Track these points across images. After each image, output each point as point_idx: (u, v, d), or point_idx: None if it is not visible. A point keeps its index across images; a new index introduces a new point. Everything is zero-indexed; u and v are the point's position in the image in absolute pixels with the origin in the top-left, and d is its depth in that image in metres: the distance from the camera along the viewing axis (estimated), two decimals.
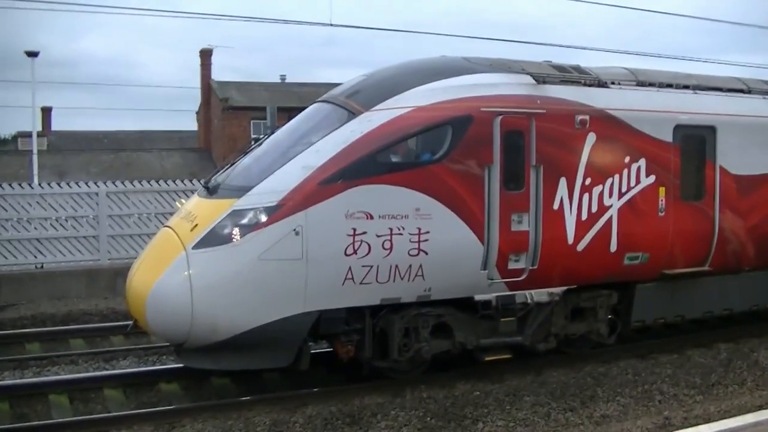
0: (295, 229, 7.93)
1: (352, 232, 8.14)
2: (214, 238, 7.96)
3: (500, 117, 8.90)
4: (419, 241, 8.46)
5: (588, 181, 9.52)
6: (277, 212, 7.94)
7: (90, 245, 16.05)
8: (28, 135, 34.68)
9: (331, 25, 17.25)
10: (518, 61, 9.84)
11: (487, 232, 8.85)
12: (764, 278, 11.42)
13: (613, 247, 9.75)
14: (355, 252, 8.17)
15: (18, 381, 9.57)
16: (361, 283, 8.28)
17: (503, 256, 8.98)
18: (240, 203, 8.09)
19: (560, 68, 10.03)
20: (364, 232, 8.19)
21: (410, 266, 8.48)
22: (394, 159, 8.58)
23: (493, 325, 9.33)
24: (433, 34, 47.09)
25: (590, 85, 9.90)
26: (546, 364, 10.00)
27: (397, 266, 8.40)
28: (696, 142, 10.55)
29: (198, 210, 8.52)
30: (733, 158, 10.74)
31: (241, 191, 8.25)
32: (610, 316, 10.34)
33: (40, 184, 17.41)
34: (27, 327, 12.54)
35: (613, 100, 9.86)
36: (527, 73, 9.53)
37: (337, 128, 8.55)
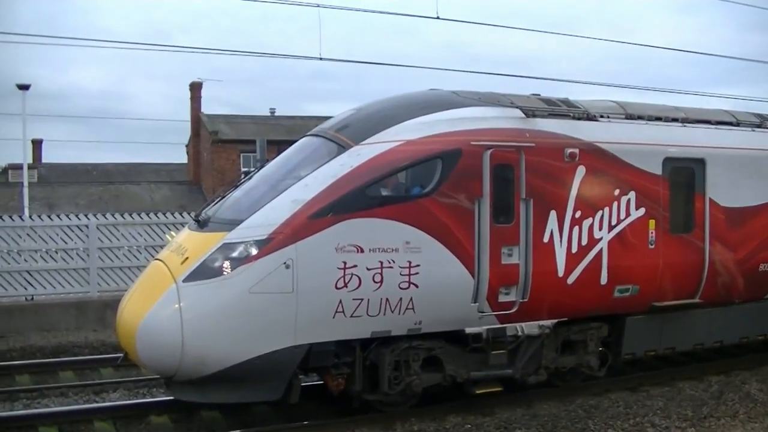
0: (285, 263, 7.95)
1: (342, 266, 8.17)
2: (204, 271, 7.97)
3: (490, 150, 8.99)
4: (409, 274, 8.49)
5: (578, 214, 9.60)
6: (267, 246, 7.97)
7: (80, 277, 16.04)
8: (19, 167, 34.71)
9: (321, 58, 17.33)
10: (507, 95, 9.97)
11: (478, 265, 8.89)
12: (754, 310, 11.50)
13: (603, 280, 9.81)
14: (345, 285, 8.19)
15: (8, 413, 9.48)
16: (351, 316, 8.28)
17: (493, 289, 9.02)
18: (230, 236, 8.12)
19: (549, 102, 10.18)
20: (355, 266, 8.22)
21: (401, 299, 8.50)
22: (384, 192, 8.65)
23: (483, 358, 9.33)
24: (422, 68, 47.40)
25: (579, 119, 10.03)
26: (537, 397, 9.98)
27: (387, 299, 8.42)
28: (685, 174, 10.69)
29: (188, 243, 8.54)
30: (723, 190, 10.86)
31: (231, 224, 8.28)
32: (600, 349, 10.38)
33: (30, 216, 17.42)
34: (16, 359, 12.48)
35: (602, 133, 9.99)
36: (516, 107, 9.66)
37: (326, 162, 8.61)
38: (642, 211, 10.13)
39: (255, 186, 9.16)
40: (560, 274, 9.47)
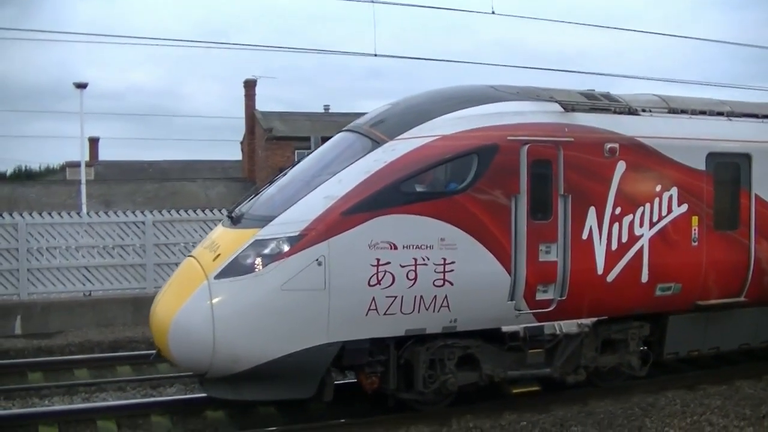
0: (317, 259, 7.99)
1: (375, 263, 8.20)
2: (236, 268, 8.04)
3: (527, 146, 8.98)
4: (444, 272, 8.52)
5: (618, 210, 9.53)
6: (299, 242, 8.00)
7: (136, 273, 16.51)
8: (77, 165, 35.47)
9: (375, 55, 17.46)
10: (546, 89, 9.94)
11: (514, 262, 8.89)
12: None
13: (644, 278, 9.72)
14: (378, 282, 8.22)
15: (67, 407, 9.80)
16: (385, 314, 8.31)
17: (531, 287, 9.02)
18: (262, 233, 8.17)
19: (589, 96, 10.11)
20: (388, 263, 8.25)
21: (435, 297, 8.52)
22: (419, 188, 8.65)
23: (520, 357, 9.33)
24: (475, 64, 46.79)
25: (620, 113, 9.94)
26: (592, 395, 9.94)
27: (421, 297, 8.45)
28: (730, 170, 10.50)
29: (221, 239, 8.65)
30: None
31: (264, 221, 8.32)
32: (643, 348, 10.28)
33: (88, 213, 17.96)
34: (75, 353, 12.87)
35: (643, 127, 9.89)
36: (555, 101, 9.62)
37: (360, 157, 8.64)
38: (684, 207, 10.00)
39: (289, 182, 9.27)
40: (599, 271, 9.41)
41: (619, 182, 9.54)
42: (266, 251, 8.05)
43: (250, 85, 43.86)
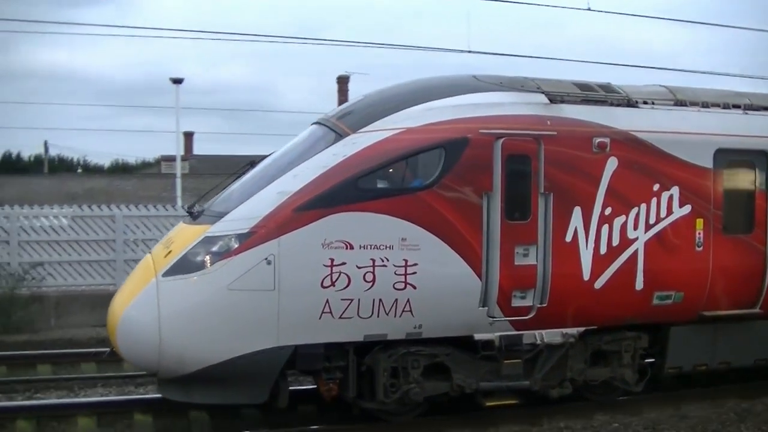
0: (266, 258, 7.49)
1: (329, 263, 7.63)
2: (184, 266, 7.61)
3: (502, 140, 8.19)
4: (406, 274, 7.84)
5: (608, 210, 8.63)
6: (248, 240, 7.52)
7: None
8: (172, 159, 35.69)
9: (469, 51, 16.77)
10: (536, 79, 9.07)
11: (486, 265, 8.12)
12: None
13: (639, 285, 8.79)
14: (333, 284, 7.64)
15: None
16: (341, 318, 7.73)
17: (505, 293, 8.23)
18: (213, 229, 7.72)
19: (584, 86, 9.19)
20: (343, 263, 7.65)
21: (396, 301, 7.86)
22: (379, 185, 7.99)
23: (496, 367, 8.56)
24: (569, 61, 44.81)
25: (617, 105, 9.03)
26: (685, 398, 9.58)
27: (381, 300, 7.81)
28: (744, 168, 9.46)
29: (177, 236, 8.24)
30: None
31: (218, 217, 7.89)
32: (644, 361, 9.36)
33: (182, 206, 17.98)
34: None
35: (640, 121, 8.95)
36: (542, 92, 8.77)
37: (320, 151, 8.08)
38: (687, 208, 9.02)
39: (252, 177, 8.69)
40: (586, 277, 8.54)
41: (610, 180, 8.64)
42: (215, 249, 7.60)
43: (343, 81, 43.42)
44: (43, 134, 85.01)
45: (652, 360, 9.52)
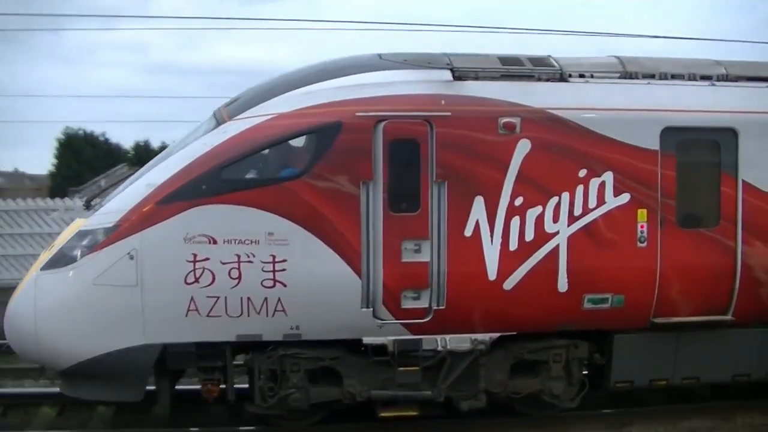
0: (129, 253, 7.22)
1: (192, 258, 7.23)
2: (59, 260, 7.51)
3: (384, 123, 7.38)
4: (274, 271, 7.29)
5: (519, 201, 7.58)
6: (112, 234, 7.30)
7: None
8: None
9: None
10: (456, 55, 8.06)
11: (366, 262, 7.37)
12: None
13: (563, 287, 7.66)
14: (197, 280, 7.24)
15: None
16: (208, 316, 7.31)
17: (392, 293, 7.44)
18: (86, 223, 7.60)
19: (509, 60, 8.07)
20: (207, 259, 7.23)
21: (266, 299, 7.33)
22: (244, 175, 7.48)
23: (392, 375, 7.77)
24: None
25: (545, 80, 7.90)
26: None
27: (249, 299, 7.31)
28: (707, 149, 8.02)
29: (67, 230, 8.13)
30: (765, 170, 7.99)
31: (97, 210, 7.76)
32: (586, 372, 8.22)
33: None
34: None
35: (564, 97, 7.78)
36: (449, 68, 7.82)
37: (194, 141, 7.68)
38: (625, 197, 7.75)
39: (143, 168, 8.43)
40: (492, 276, 7.55)
41: (522, 165, 7.57)
42: (84, 242, 7.46)
43: None
44: None
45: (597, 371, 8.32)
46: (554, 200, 7.62)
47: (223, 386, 7.87)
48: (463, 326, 7.66)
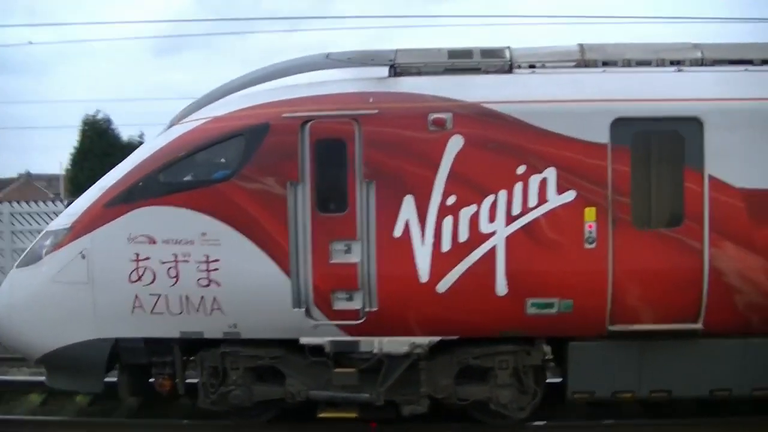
0: (81, 252, 7.70)
1: (135, 257, 7.60)
2: (30, 258, 8.11)
3: (309, 123, 7.35)
4: (208, 270, 7.49)
5: (451, 200, 7.28)
6: (69, 234, 7.82)
7: None
8: None
9: None
10: (404, 50, 7.83)
11: (296, 263, 7.39)
12: None
13: (502, 290, 7.29)
14: (139, 278, 7.60)
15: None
16: (152, 313, 7.66)
17: (322, 293, 7.41)
18: (52, 223, 8.19)
19: (457, 54, 7.74)
20: (147, 258, 7.57)
21: (203, 298, 7.54)
22: (179, 178, 7.68)
23: (329, 376, 7.73)
24: None
25: (491, 72, 7.54)
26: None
27: (187, 297, 7.56)
28: (666, 142, 7.32)
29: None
30: (735, 164, 7.18)
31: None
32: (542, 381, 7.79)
33: None
34: None
35: (502, 90, 7.38)
36: (387, 65, 7.65)
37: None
38: (570, 195, 7.24)
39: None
40: (424, 278, 7.32)
41: (454, 163, 7.27)
42: (47, 242, 8.02)
43: None
44: None
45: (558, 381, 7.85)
46: (490, 199, 7.26)
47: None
48: (399, 329, 7.50)
